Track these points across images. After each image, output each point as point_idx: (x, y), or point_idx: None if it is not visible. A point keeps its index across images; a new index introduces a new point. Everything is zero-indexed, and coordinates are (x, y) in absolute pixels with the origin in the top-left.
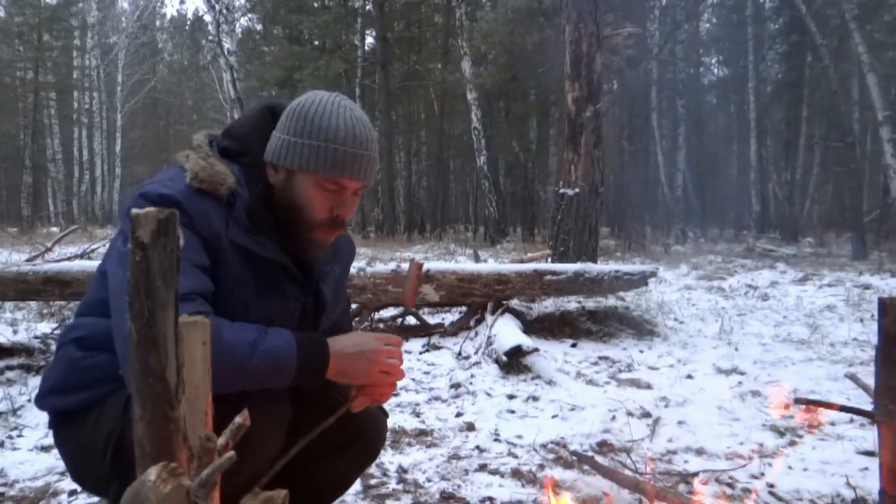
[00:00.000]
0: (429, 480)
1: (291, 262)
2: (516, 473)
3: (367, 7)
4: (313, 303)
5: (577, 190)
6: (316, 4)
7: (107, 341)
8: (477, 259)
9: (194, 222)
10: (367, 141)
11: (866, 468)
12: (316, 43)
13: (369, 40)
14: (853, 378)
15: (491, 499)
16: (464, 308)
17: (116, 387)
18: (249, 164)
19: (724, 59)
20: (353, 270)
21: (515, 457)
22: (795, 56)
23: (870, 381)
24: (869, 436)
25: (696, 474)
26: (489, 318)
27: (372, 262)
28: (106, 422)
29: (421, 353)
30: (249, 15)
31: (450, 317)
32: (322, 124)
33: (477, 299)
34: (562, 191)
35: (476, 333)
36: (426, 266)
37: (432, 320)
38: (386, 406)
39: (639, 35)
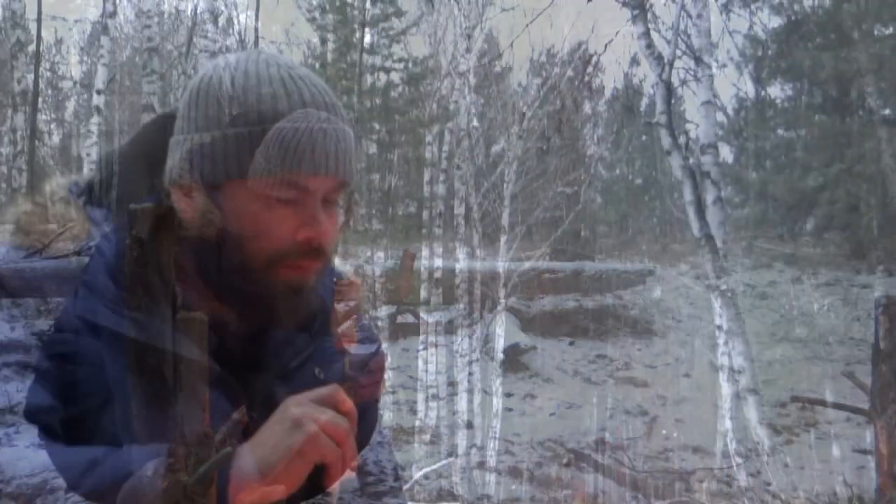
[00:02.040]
0: (426, 478)
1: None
2: (514, 471)
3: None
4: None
5: (576, 188)
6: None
7: None
8: (475, 257)
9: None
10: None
11: (862, 466)
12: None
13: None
14: (850, 376)
15: (488, 496)
16: (462, 306)
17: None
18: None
19: (724, 60)
20: (349, 268)
21: (513, 454)
22: (795, 56)
23: (867, 379)
24: (866, 434)
25: (692, 472)
26: (487, 316)
27: (369, 259)
28: (106, 435)
29: (419, 351)
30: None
31: (448, 315)
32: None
33: (475, 297)
34: (560, 189)
35: (474, 331)
36: (425, 263)
37: (430, 318)
38: (383, 404)
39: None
